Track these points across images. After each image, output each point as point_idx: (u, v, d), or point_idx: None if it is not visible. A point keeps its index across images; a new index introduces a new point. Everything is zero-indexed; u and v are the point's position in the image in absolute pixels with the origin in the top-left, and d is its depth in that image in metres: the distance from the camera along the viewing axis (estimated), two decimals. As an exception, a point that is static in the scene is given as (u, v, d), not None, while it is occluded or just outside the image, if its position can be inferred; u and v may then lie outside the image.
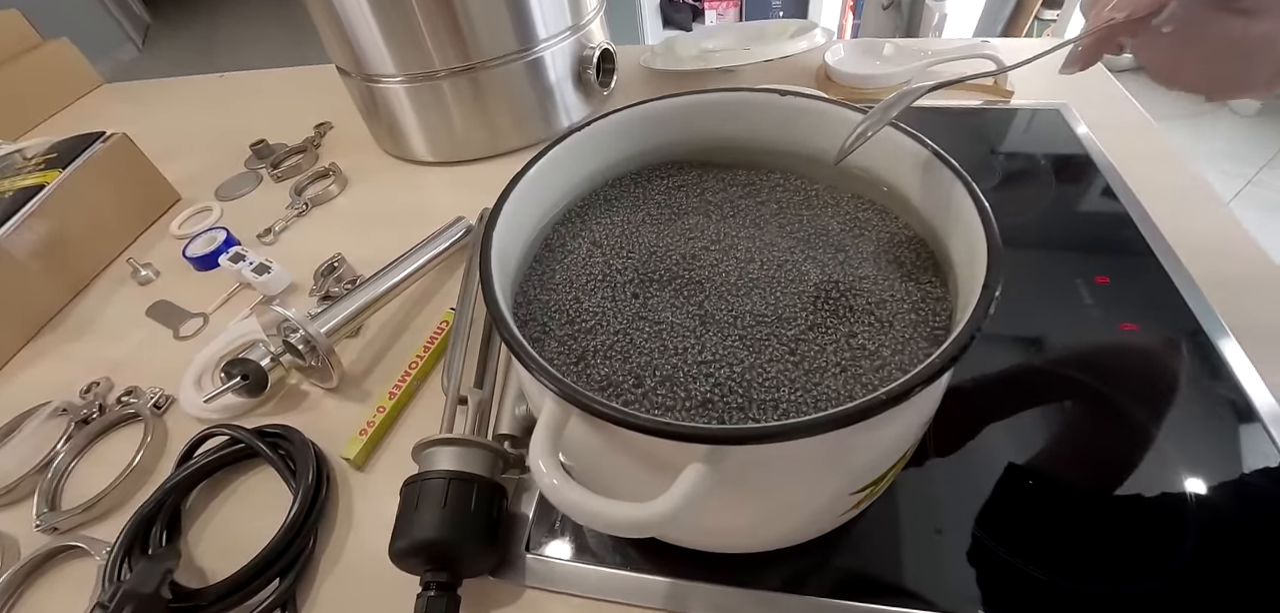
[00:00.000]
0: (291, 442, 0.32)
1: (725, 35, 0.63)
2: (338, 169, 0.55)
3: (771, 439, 0.16)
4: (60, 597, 0.31)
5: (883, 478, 0.21)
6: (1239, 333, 0.33)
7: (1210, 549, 0.25)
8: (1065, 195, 0.45)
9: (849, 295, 0.24)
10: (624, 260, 0.27)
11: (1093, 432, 0.31)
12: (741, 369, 0.22)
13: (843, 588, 0.25)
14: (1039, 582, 0.25)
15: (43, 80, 0.85)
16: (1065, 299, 0.37)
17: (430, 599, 0.23)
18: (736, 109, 0.31)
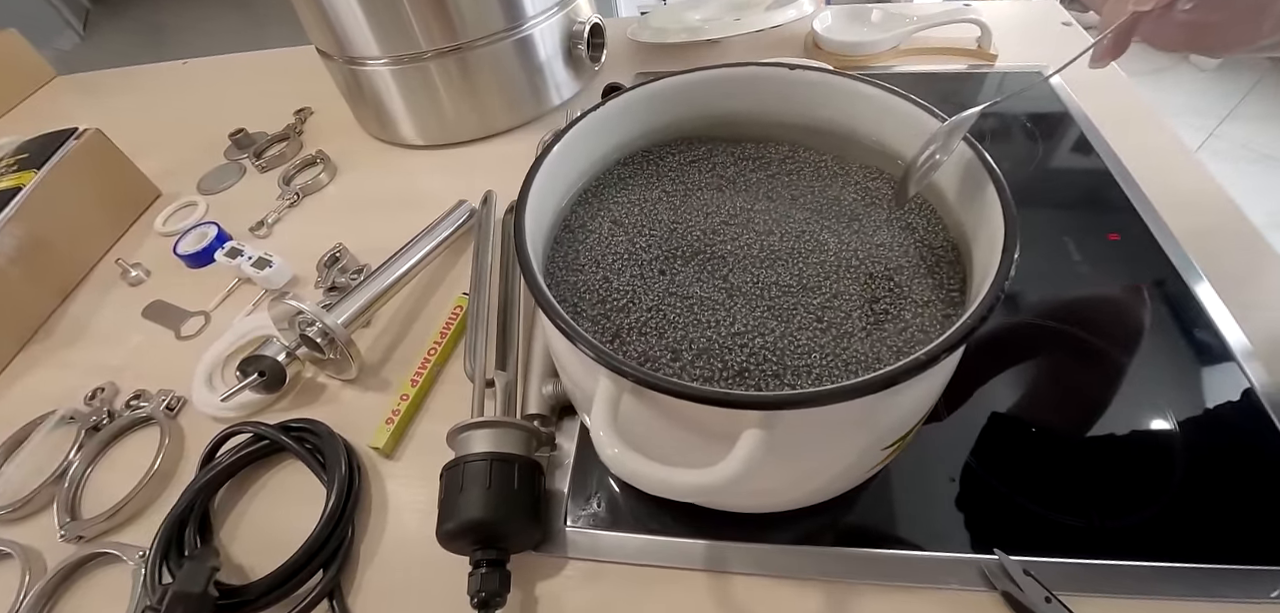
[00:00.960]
0: (319, 435, 0.32)
1: (711, 5, 0.62)
2: (326, 156, 0.54)
3: (819, 403, 0.17)
4: (96, 601, 0.31)
5: (909, 434, 0.23)
6: (1213, 279, 0.36)
7: (1193, 475, 0.28)
8: (1047, 153, 0.47)
9: (868, 264, 0.25)
10: (647, 238, 0.28)
11: (1088, 380, 0.33)
12: (773, 338, 0.23)
13: (867, 538, 0.27)
14: (1046, 519, 0.27)
15: (-11, 75, 0.80)
16: (1049, 254, 0.39)
17: (484, 575, 0.24)
18: (743, 84, 0.31)
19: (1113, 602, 0.25)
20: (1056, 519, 0.27)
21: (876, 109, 0.28)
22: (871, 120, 0.29)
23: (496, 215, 0.43)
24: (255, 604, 0.27)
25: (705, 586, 0.27)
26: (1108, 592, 0.25)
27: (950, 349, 0.17)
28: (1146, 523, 0.27)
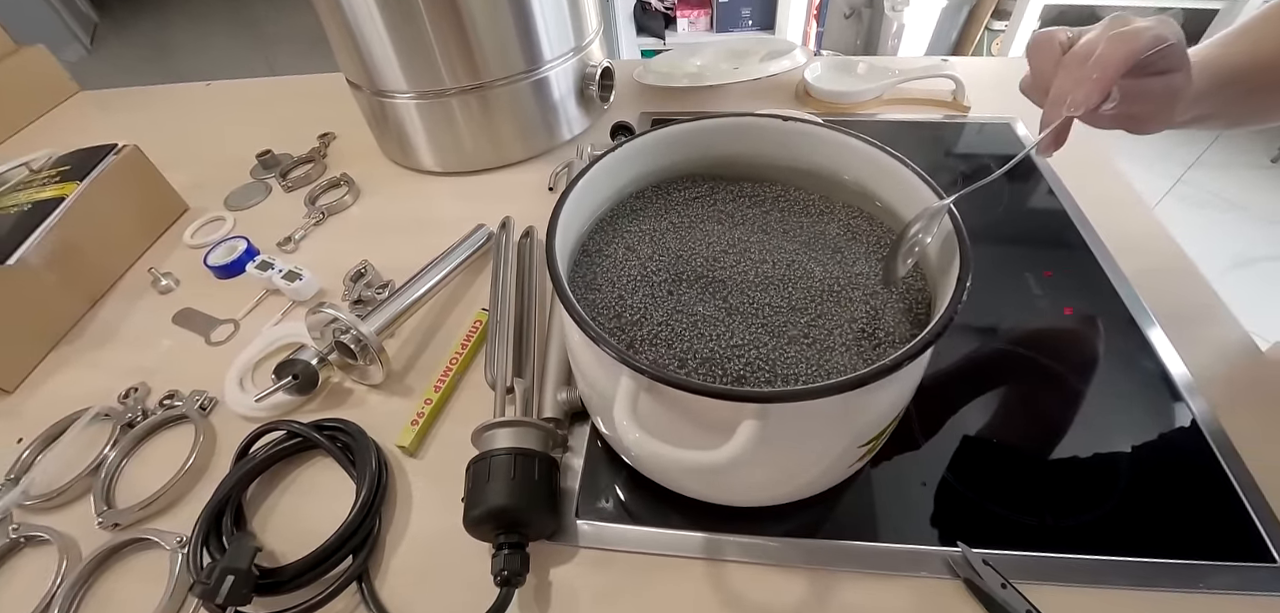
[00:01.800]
0: (351, 434, 0.35)
1: (709, 52, 0.68)
2: (350, 179, 0.58)
3: (805, 398, 0.21)
4: (130, 584, 0.33)
5: (881, 435, 0.26)
6: (1160, 317, 0.40)
7: (1136, 485, 0.32)
8: (1014, 197, 0.52)
9: (848, 289, 0.29)
10: (656, 263, 0.31)
11: (1044, 402, 0.37)
12: (766, 351, 0.27)
13: (847, 532, 0.31)
14: (1005, 519, 0.31)
15: (17, 88, 0.84)
16: (1017, 289, 0.43)
17: (506, 555, 0.27)
18: (743, 132, 0.36)
19: (1061, 589, 0.28)
20: (1014, 519, 0.31)
21: (859, 159, 0.33)
22: (855, 167, 0.33)
23: (513, 239, 0.46)
24: (291, 584, 0.30)
25: (702, 573, 0.30)
26: (1057, 581, 0.28)
27: (913, 358, 0.21)
28: (1093, 523, 0.30)
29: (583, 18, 0.56)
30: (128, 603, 0.32)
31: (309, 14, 0.54)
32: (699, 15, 1.86)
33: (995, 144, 0.58)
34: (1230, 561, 0.29)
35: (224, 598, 0.27)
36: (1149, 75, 0.29)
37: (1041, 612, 0.27)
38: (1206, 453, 0.33)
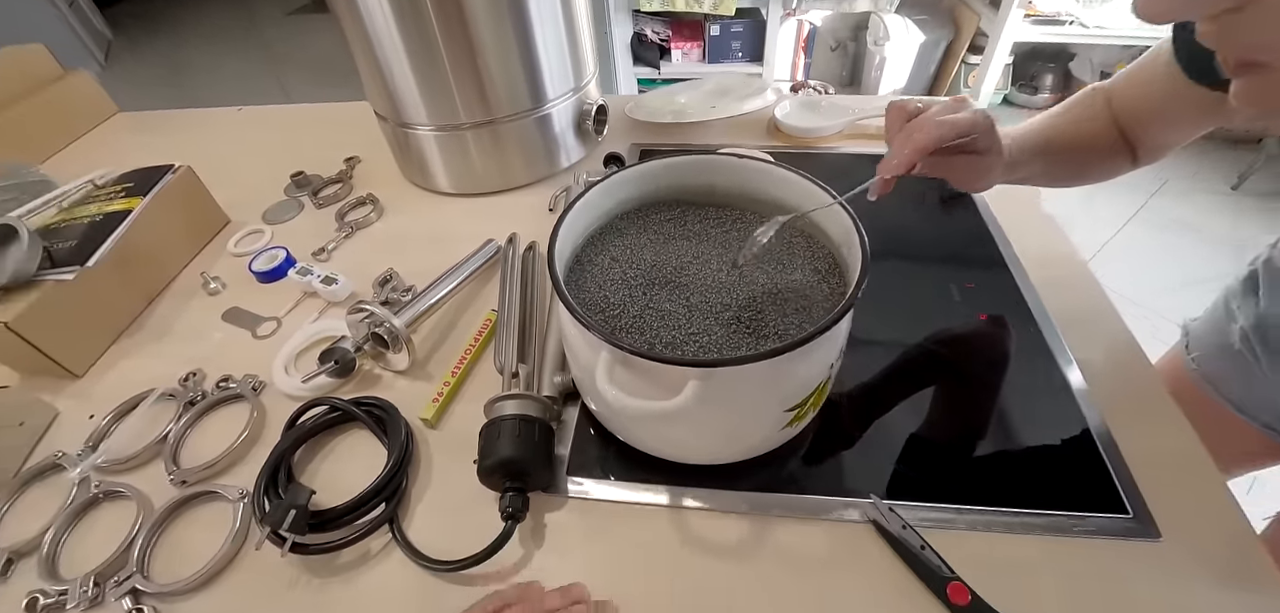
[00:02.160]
0: (384, 409, 0.43)
1: (695, 91, 0.77)
2: (375, 198, 0.66)
3: (734, 364, 0.28)
4: (197, 530, 0.40)
5: (805, 402, 0.34)
6: (1059, 320, 0.48)
7: (1027, 458, 0.39)
8: (948, 221, 0.60)
9: (785, 291, 0.37)
10: (635, 271, 0.39)
11: (955, 390, 0.45)
12: (716, 337, 0.34)
13: (782, 487, 0.38)
14: (909, 477, 0.38)
15: (65, 109, 0.92)
16: (942, 298, 0.51)
17: (511, 496, 0.35)
18: (708, 166, 0.44)
19: (952, 533, 0.35)
20: (916, 478, 0.38)
21: (795, 190, 0.41)
22: (793, 196, 0.41)
23: (518, 251, 0.54)
24: (336, 522, 0.37)
25: (666, 519, 0.37)
26: (948, 527, 0.36)
27: (820, 334, 0.29)
28: (982, 484, 0.38)
29: (581, 62, 0.65)
30: (196, 544, 0.39)
31: (319, 37, 0.63)
32: (692, 47, 1.98)
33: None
34: (1093, 513, 0.37)
35: (287, 528, 0.34)
36: (964, 152, 0.38)
37: (935, 548, 0.34)
38: (1085, 430, 0.41)
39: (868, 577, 0.34)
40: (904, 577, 0.34)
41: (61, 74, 0.94)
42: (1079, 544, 0.36)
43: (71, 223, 0.56)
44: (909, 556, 0.34)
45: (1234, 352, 0.51)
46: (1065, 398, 0.43)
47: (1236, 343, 0.51)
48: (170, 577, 0.37)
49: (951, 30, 2.02)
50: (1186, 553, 0.35)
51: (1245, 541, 0.36)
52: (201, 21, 3.87)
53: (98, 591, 0.37)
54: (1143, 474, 0.39)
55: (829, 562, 0.35)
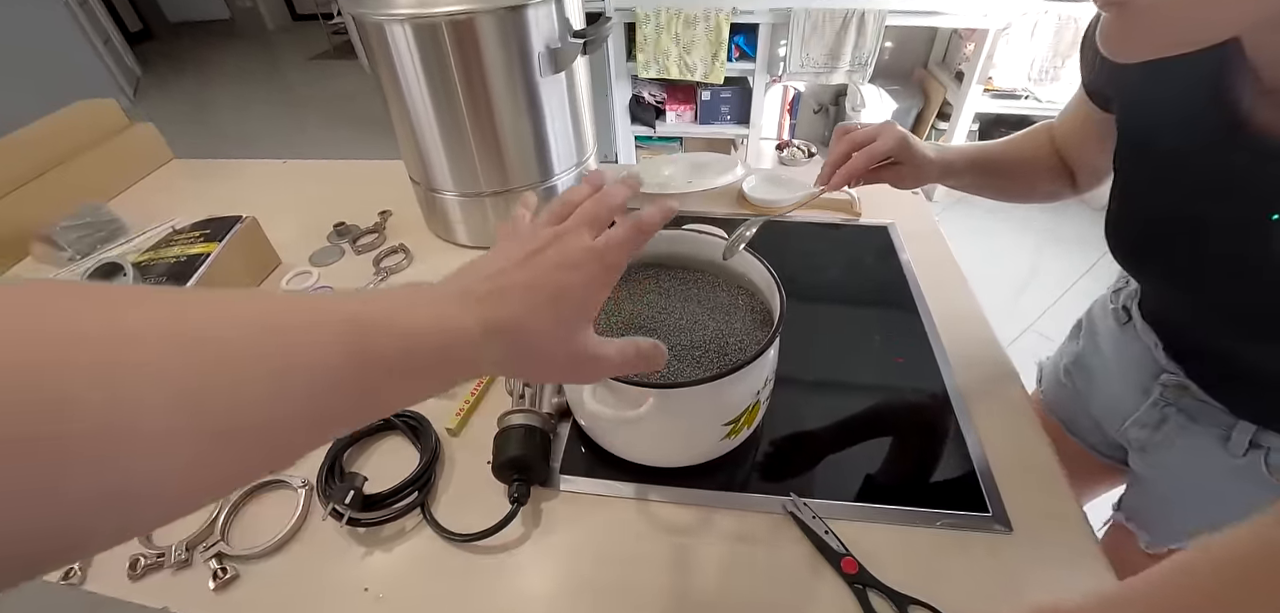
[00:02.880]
0: (417, 420, 0.54)
1: (677, 165, 0.91)
2: (406, 248, 0.79)
3: (681, 386, 0.40)
4: (268, 510, 0.51)
5: (739, 420, 0.46)
6: (954, 359, 0.60)
7: (914, 464, 0.51)
8: (881, 277, 0.73)
9: (729, 336, 0.49)
10: (616, 319, 0.52)
11: (864, 413, 0.57)
12: (675, 369, 0.46)
13: (724, 485, 0.49)
14: (821, 479, 0.50)
15: (128, 155, 1.06)
16: (864, 341, 0.63)
17: (518, 485, 0.46)
18: (677, 238, 0.56)
19: (849, 523, 0.47)
20: (826, 481, 0.50)
21: (739, 258, 0.53)
22: (742, 262, 0.54)
23: (525, 296, 0.67)
24: (380, 504, 0.48)
25: (635, 507, 0.48)
26: (846, 519, 0.47)
27: (745, 365, 0.41)
28: (877, 487, 0.50)
29: (583, 141, 0.79)
30: (267, 520, 0.50)
31: (338, 82, 0.78)
32: (685, 109, 2.16)
33: (873, 238, 0.80)
34: (961, 510, 0.48)
35: (346, 504, 0.46)
36: (891, 166, 0.53)
37: (836, 534, 0.45)
38: (963, 445, 0.53)
39: (785, 553, 0.46)
40: (811, 554, 0.45)
41: (127, 124, 1.08)
42: (947, 534, 0.47)
43: (158, 261, 0.69)
44: (815, 538, 0.46)
45: (1062, 383, 0.64)
46: (950, 420, 0.55)
47: (1062, 377, 0.64)
48: (248, 545, 0.48)
49: (921, 100, 2.21)
50: (1032, 543, 0.46)
51: (1080, 534, 0.47)
52: (227, 62, 4.10)
53: (188, 554, 0.48)
54: (1005, 481, 0.50)
55: (756, 541, 0.46)
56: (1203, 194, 0.41)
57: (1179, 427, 0.53)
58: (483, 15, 0.61)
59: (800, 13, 1.81)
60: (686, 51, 1.91)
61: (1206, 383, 0.50)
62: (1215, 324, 0.46)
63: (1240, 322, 0.43)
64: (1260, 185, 0.36)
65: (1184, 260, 0.44)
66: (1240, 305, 0.42)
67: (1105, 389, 0.61)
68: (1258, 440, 0.48)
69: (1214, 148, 0.39)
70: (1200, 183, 0.41)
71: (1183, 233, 0.44)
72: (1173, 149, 0.42)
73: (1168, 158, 0.43)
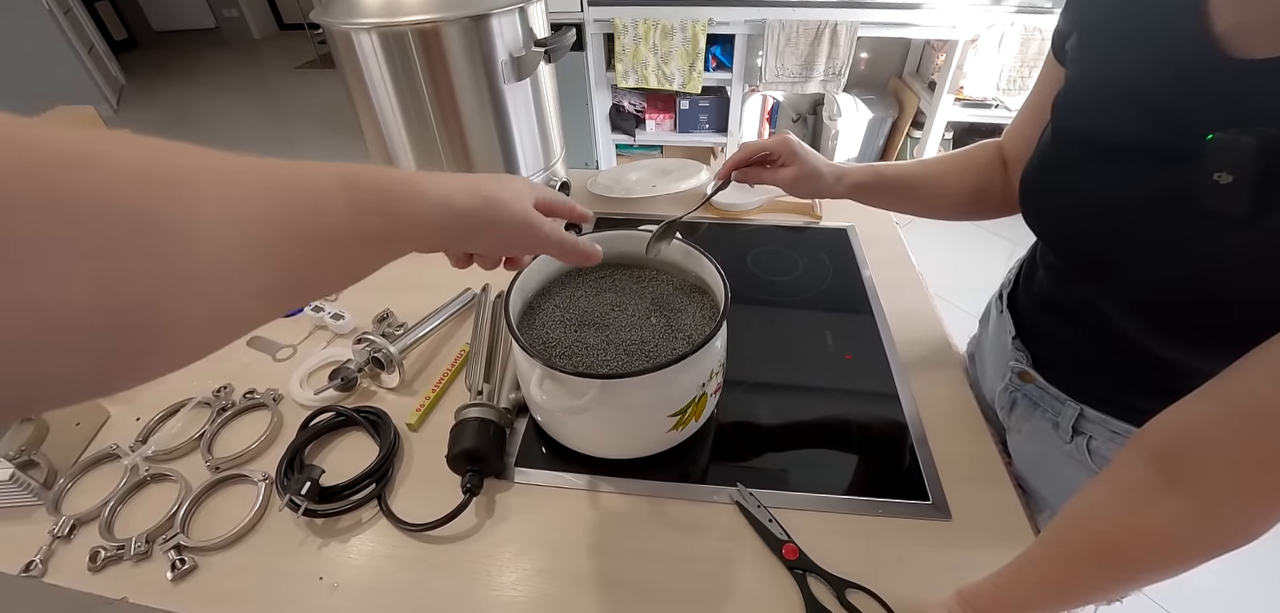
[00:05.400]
0: (377, 416, 0.55)
1: (644, 170, 0.93)
2: (376, 251, 0.80)
3: (625, 376, 0.42)
4: (228, 504, 0.52)
5: (686, 412, 0.48)
6: (904, 355, 0.63)
7: (860, 456, 0.53)
8: (837, 280, 0.76)
9: (676, 329, 0.51)
10: (571, 314, 0.53)
11: (815, 408, 0.59)
12: (623, 362, 0.48)
13: (674, 476, 0.51)
14: (766, 471, 0.52)
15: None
16: (816, 341, 0.66)
17: (471, 476, 0.47)
18: (629, 238, 0.58)
19: (792, 512, 0.49)
20: (771, 471, 0.52)
21: (687, 255, 0.56)
22: (695, 260, 0.56)
23: (489, 299, 0.68)
24: (336, 496, 0.49)
25: (586, 498, 0.50)
26: (791, 507, 0.49)
27: (686, 357, 0.43)
28: (821, 476, 0.52)
29: (550, 146, 0.81)
30: (227, 514, 0.51)
31: (323, 92, 0.79)
32: (664, 118, 2.19)
33: (832, 239, 0.83)
34: (903, 499, 0.50)
35: (302, 495, 0.47)
36: (778, 166, 0.56)
37: (780, 522, 0.47)
38: (907, 436, 0.55)
39: (730, 540, 0.47)
40: (755, 541, 0.47)
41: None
42: (888, 522, 0.49)
43: (127, 264, 0.69)
44: (759, 526, 0.47)
45: (968, 368, 0.66)
46: (896, 412, 0.57)
47: (968, 362, 0.67)
48: (206, 537, 0.49)
49: (896, 109, 2.26)
50: (969, 529, 0.49)
51: (1016, 520, 0.49)
52: (212, 71, 4.09)
53: (148, 547, 0.48)
54: (946, 471, 0.52)
55: (703, 529, 0.48)
56: (1147, 112, 0.38)
57: (1025, 412, 0.56)
58: (448, 24, 0.63)
59: (775, 24, 1.85)
60: (664, 62, 1.94)
61: (1049, 366, 0.53)
62: (1101, 281, 0.45)
63: (1136, 273, 0.41)
64: (1206, 102, 0.34)
65: (1098, 196, 0.42)
66: (1144, 252, 0.39)
67: (985, 373, 0.65)
68: (1080, 427, 0.51)
69: (1171, 59, 0.36)
70: (1146, 99, 0.38)
71: (1112, 167, 0.41)
72: (1126, 65, 0.40)
73: (1117, 72, 0.41)
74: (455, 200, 0.32)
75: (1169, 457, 0.33)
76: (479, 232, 0.35)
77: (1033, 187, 0.48)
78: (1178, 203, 0.36)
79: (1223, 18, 0.33)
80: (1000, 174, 0.60)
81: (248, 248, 0.21)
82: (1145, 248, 0.39)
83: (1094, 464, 0.50)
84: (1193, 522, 0.31)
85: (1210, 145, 0.32)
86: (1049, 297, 0.53)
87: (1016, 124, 0.58)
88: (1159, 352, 0.42)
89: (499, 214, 0.35)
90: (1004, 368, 0.59)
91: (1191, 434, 0.32)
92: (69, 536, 0.50)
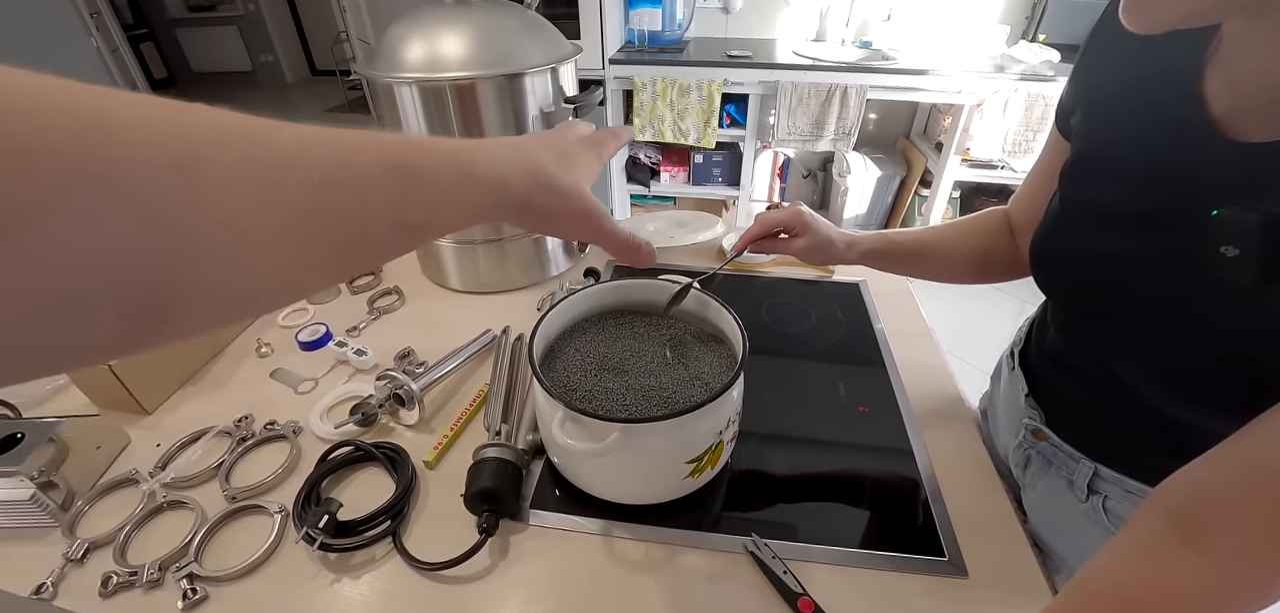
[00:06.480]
0: (397, 453, 0.56)
1: (661, 220, 0.96)
2: (399, 290, 0.82)
3: (645, 421, 0.43)
4: (243, 535, 0.52)
5: (702, 459, 0.48)
6: (918, 409, 0.63)
7: (874, 511, 0.53)
8: (849, 333, 0.76)
9: (694, 377, 0.52)
10: (591, 359, 0.55)
11: (830, 461, 0.59)
12: (642, 407, 0.49)
13: (689, 524, 0.51)
14: (778, 523, 0.51)
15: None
16: (829, 394, 0.66)
17: (487, 516, 0.48)
18: (649, 287, 0.60)
19: (808, 564, 0.48)
20: (785, 522, 0.51)
21: (706, 305, 0.57)
22: (713, 310, 0.58)
23: (509, 341, 0.70)
24: (356, 529, 0.50)
25: (601, 543, 0.50)
26: (806, 559, 0.49)
27: (705, 404, 0.44)
28: (836, 530, 0.51)
29: (570, 196, 0.84)
30: (242, 545, 0.51)
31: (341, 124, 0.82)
32: (679, 171, 2.26)
33: (844, 293, 0.84)
34: (918, 555, 0.50)
35: (319, 529, 0.47)
36: (793, 237, 0.58)
37: (794, 574, 0.47)
38: (921, 493, 0.55)
39: (744, 591, 0.47)
40: (768, 592, 0.47)
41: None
42: (903, 577, 0.48)
43: (161, 294, 0.72)
44: (773, 577, 0.47)
45: (980, 425, 0.66)
46: (910, 467, 0.57)
47: (980, 419, 0.67)
48: (220, 567, 0.49)
49: (904, 167, 2.32)
50: (986, 588, 0.48)
51: (1033, 580, 0.48)
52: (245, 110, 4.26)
53: (160, 574, 0.48)
54: (962, 528, 0.52)
55: (717, 578, 0.48)
56: (1149, 185, 0.40)
57: (1040, 470, 0.57)
58: (484, 81, 0.67)
59: (787, 86, 1.93)
60: (680, 118, 2.01)
61: (1062, 423, 0.54)
62: (1113, 344, 0.46)
63: (1146, 338, 0.42)
64: (1206, 180, 0.36)
65: (1107, 266, 0.44)
66: (1154, 318, 0.41)
67: (998, 429, 0.65)
68: (1095, 486, 0.51)
69: (1172, 141, 0.38)
70: (1148, 172, 0.40)
71: (1116, 234, 0.42)
72: (1129, 143, 0.42)
73: (1120, 148, 0.43)
74: (511, 184, 0.29)
75: (1184, 514, 0.33)
76: (531, 217, 0.32)
77: (1043, 251, 0.50)
78: (1186, 271, 0.37)
79: (1217, 101, 0.36)
80: (1007, 239, 0.62)
81: (272, 225, 0.20)
82: (1156, 313, 0.40)
83: (1110, 524, 0.50)
84: (1210, 580, 0.31)
85: (1215, 220, 0.33)
86: (1061, 355, 0.54)
87: (1023, 192, 0.61)
88: (1171, 412, 0.42)
89: (557, 205, 0.32)
90: (1017, 425, 0.59)
91: (1206, 492, 0.33)
92: (82, 559, 0.50)
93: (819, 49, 2.09)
